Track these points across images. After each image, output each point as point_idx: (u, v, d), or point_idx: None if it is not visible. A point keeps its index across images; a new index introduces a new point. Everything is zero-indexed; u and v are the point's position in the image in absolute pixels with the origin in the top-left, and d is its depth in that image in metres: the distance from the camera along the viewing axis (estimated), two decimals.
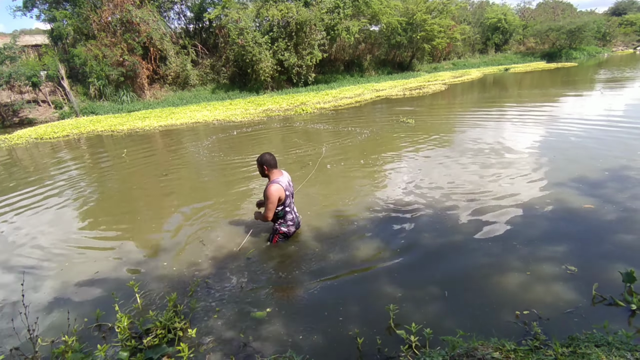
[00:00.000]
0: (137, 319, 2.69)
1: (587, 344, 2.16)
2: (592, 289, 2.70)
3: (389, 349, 2.33)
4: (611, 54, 39.67)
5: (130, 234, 4.44)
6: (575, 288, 2.82)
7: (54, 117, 17.20)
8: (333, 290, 3.01)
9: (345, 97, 16.89)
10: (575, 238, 3.55)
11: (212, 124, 12.76)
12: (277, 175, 3.66)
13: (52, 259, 3.90)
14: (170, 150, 9.16)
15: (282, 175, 3.72)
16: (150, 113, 16.22)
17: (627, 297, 2.62)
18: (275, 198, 3.56)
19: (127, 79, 18.78)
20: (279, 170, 3.73)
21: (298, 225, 3.94)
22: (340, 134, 9.31)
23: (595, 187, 4.70)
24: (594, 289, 2.70)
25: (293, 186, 3.84)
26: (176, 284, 3.25)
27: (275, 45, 20.45)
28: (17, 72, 16.36)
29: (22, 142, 11.68)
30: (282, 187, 3.59)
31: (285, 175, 3.75)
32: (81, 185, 6.62)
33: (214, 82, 21.99)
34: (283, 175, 3.72)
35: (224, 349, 2.46)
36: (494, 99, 14.06)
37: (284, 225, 3.80)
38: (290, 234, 3.85)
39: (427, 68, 30.29)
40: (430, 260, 3.37)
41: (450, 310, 2.69)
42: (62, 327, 2.78)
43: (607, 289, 2.74)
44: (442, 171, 5.76)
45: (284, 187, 3.61)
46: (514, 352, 2.07)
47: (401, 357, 2.23)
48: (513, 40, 37.76)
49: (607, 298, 2.67)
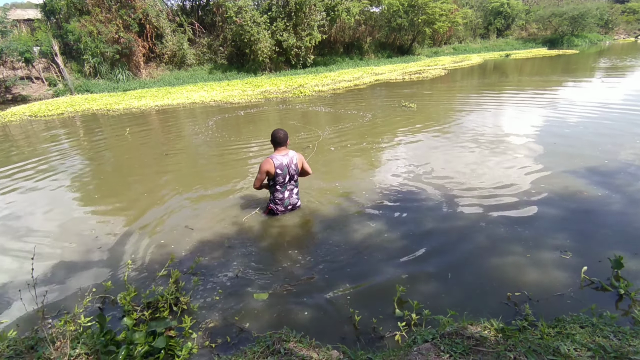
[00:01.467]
0: (142, 292, 2.76)
1: (572, 325, 2.24)
2: (581, 273, 2.78)
3: (384, 328, 2.41)
4: (613, 41, 39.31)
5: (131, 211, 4.46)
6: (567, 272, 2.89)
7: (48, 94, 16.93)
8: (333, 272, 3.06)
9: (344, 80, 16.72)
10: (572, 224, 3.62)
11: (209, 105, 12.64)
12: (278, 153, 3.75)
13: (53, 235, 3.94)
14: (169, 131, 9.09)
15: (284, 155, 3.75)
16: (146, 92, 16.00)
17: (614, 282, 2.71)
18: (262, 170, 3.72)
19: (122, 57, 18.43)
20: (284, 149, 3.78)
21: (292, 208, 3.99)
22: (340, 117, 9.28)
23: (596, 174, 4.75)
24: (582, 272, 2.78)
25: (293, 169, 3.80)
26: (177, 262, 3.30)
27: (274, 26, 20.08)
28: (9, 47, 16.00)
29: (15, 120, 11.53)
30: (274, 164, 3.67)
31: (288, 156, 3.76)
32: (79, 164, 6.60)
33: (211, 62, 21.64)
34: (285, 155, 3.75)
35: (221, 326, 2.53)
36: (494, 85, 13.98)
37: (272, 202, 3.92)
38: (276, 212, 3.93)
39: (428, 52, 29.94)
40: (430, 244, 3.43)
41: (446, 291, 2.76)
42: (62, 302, 2.84)
43: (597, 273, 2.82)
44: (444, 156, 5.77)
45: (276, 165, 3.68)
46: (502, 331, 2.14)
47: (397, 334, 2.30)
48: (515, 26, 37.25)
49: (596, 282, 2.75)
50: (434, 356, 1.96)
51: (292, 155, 3.79)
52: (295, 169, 3.82)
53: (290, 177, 3.84)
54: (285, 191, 3.88)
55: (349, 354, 2.08)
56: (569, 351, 1.91)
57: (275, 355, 2.01)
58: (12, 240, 3.92)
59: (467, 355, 1.95)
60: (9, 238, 3.96)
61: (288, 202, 3.94)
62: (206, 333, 2.46)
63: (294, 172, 3.83)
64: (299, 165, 3.85)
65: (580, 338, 2.06)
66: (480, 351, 1.96)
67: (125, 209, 4.59)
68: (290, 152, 3.81)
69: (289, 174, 3.80)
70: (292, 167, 3.78)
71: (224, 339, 2.38)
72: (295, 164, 3.80)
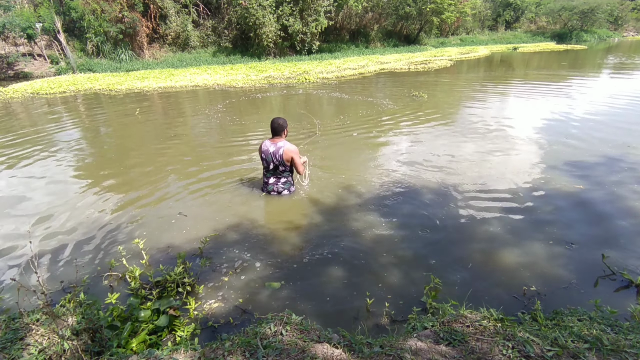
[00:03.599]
0: (149, 271, 2.79)
1: (569, 318, 2.27)
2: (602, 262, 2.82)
3: (396, 313, 2.48)
4: (622, 38, 38.77)
5: (139, 192, 4.46)
6: (573, 264, 2.94)
7: (50, 72, 16.80)
8: (342, 260, 3.08)
9: (349, 68, 16.56)
10: (582, 217, 3.66)
11: (212, 88, 12.55)
12: (270, 140, 3.93)
13: (55, 212, 3.96)
14: (175, 114, 9.04)
15: (274, 143, 3.88)
16: (149, 73, 15.87)
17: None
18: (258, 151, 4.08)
19: (126, 37, 18.21)
20: (278, 138, 3.90)
21: (268, 192, 4.13)
22: (347, 105, 9.22)
23: (605, 170, 4.77)
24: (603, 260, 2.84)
25: (277, 159, 3.88)
26: (181, 245, 3.32)
27: (280, 10, 19.77)
28: (11, 23, 15.78)
29: (18, 96, 11.47)
30: (261, 148, 3.95)
31: (276, 146, 3.86)
32: (80, 143, 6.59)
33: (215, 45, 21.39)
34: (273, 144, 3.87)
35: (225, 307, 2.57)
36: (500, 78, 13.84)
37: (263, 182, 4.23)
38: (263, 190, 4.19)
39: (434, 42, 29.57)
40: (437, 235, 3.45)
41: (453, 282, 2.79)
42: (64, 277, 2.88)
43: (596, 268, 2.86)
44: (452, 148, 5.74)
45: (262, 150, 3.93)
46: (501, 320, 2.17)
47: (410, 319, 2.34)
48: (524, 18, 36.69)
49: (616, 273, 2.80)
50: (433, 343, 1.99)
51: (280, 145, 3.85)
52: (280, 160, 3.87)
53: (275, 166, 3.93)
54: (271, 177, 4.04)
55: (348, 337, 2.11)
56: (566, 342, 1.94)
57: (276, 336, 2.04)
58: (13, 216, 3.94)
59: (466, 343, 1.98)
60: (10, 213, 3.98)
61: (272, 187, 4.08)
62: (209, 314, 2.50)
63: (278, 163, 3.89)
64: (284, 157, 3.86)
65: (578, 330, 2.09)
66: (479, 340, 1.99)
67: (130, 188, 4.60)
68: (281, 142, 3.86)
69: (272, 162, 3.90)
70: (276, 156, 3.85)
71: (227, 320, 2.42)
72: (280, 155, 3.84)
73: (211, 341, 2.14)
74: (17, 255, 3.22)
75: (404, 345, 1.96)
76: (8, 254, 3.24)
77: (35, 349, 1.96)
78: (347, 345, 2.02)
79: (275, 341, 1.96)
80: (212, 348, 1.96)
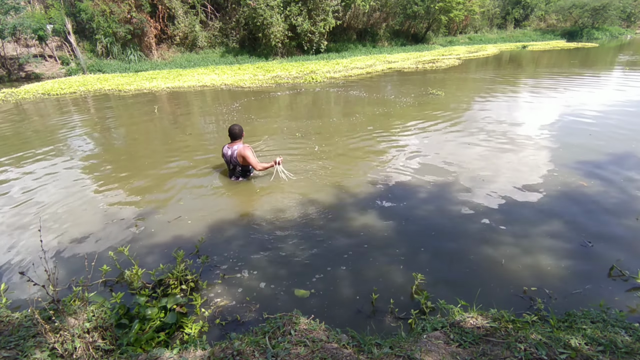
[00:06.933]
0: (150, 270, 2.81)
1: (583, 320, 2.23)
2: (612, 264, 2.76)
3: (400, 310, 2.48)
4: (634, 36, 38.05)
5: (148, 191, 4.50)
6: (586, 265, 2.90)
7: (61, 73, 17.03)
8: (349, 257, 3.08)
9: (356, 68, 16.52)
10: (592, 216, 3.60)
11: (220, 88, 12.61)
12: (228, 144, 4.55)
13: (63, 210, 4.00)
14: (187, 111, 9.11)
15: (230, 147, 4.49)
16: (157, 74, 16.01)
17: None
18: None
19: (134, 37, 18.40)
20: (235, 142, 4.51)
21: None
22: (357, 103, 9.20)
23: (621, 168, 4.69)
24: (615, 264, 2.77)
25: (233, 160, 4.49)
26: (185, 242, 3.34)
27: (288, 10, 19.80)
28: (22, 24, 16.04)
29: (29, 97, 11.64)
30: (222, 151, 4.61)
31: (231, 149, 4.46)
32: (96, 144, 6.66)
33: (222, 46, 21.51)
34: (229, 148, 4.49)
35: (232, 305, 2.57)
36: (509, 76, 13.68)
37: None
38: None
39: (442, 41, 29.38)
40: (441, 234, 3.42)
41: (460, 281, 2.76)
42: (73, 275, 2.91)
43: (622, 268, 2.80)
44: (462, 148, 5.67)
45: (223, 152, 4.59)
46: (512, 322, 2.14)
47: (410, 319, 2.33)
48: (534, 16, 36.27)
49: (626, 274, 2.75)
50: (444, 344, 1.97)
51: (235, 148, 4.47)
52: (235, 161, 4.49)
53: (234, 166, 4.56)
54: (232, 175, 4.69)
55: (357, 338, 2.10)
56: (580, 345, 1.90)
57: (285, 336, 2.04)
58: (25, 215, 3.99)
59: (477, 345, 1.95)
60: (22, 213, 4.04)
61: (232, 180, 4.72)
62: (216, 311, 2.50)
63: (235, 163, 4.52)
64: (238, 158, 4.45)
65: (592, 333, 2.05)
66: (490, 341, 1.97)
67: (142, 187, 4.64)
68: (236, 146, 4.48)
69: (231, 163, 4.56)
70: (233, 158, 4.48)
71: (234, 318, 2.42)
72: (235, 156, 4.45)
73: (220, 339, 2.15)
74: (26, 252, 3.25)
75: (414, 346, 1.95)
76: (16, 251, 3.28)
77: (47, 347, 1.98)
78: (356, 345, 2.01)
79: (284, 341, 1.96)
80: (222, 347, 1.96)
